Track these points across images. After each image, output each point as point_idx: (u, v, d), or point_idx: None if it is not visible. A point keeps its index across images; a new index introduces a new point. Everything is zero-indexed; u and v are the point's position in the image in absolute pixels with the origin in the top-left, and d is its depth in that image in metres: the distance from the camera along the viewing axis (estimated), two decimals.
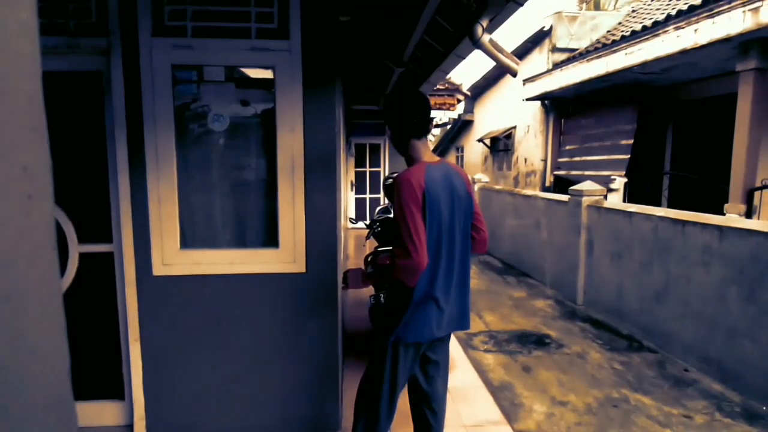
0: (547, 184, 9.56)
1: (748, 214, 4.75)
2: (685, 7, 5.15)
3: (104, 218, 2.32)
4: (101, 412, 2.43)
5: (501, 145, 12.47)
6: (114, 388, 2.42)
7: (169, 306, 2.31)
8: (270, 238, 2.36)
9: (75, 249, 2.31)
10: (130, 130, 2.20)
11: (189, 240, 2.35)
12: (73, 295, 2.31)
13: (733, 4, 4.47)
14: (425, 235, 1.69)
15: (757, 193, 4.82)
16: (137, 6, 2.14)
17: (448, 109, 12.20)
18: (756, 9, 4.24)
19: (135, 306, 2.30)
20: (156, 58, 2.18)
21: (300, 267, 2.34)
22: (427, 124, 1.84)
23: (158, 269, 2.29)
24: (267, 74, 2.29)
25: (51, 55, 2.16)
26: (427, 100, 1.89)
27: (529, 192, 7.41)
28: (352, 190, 10.86)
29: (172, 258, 2.29)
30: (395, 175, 4.95)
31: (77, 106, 2.32)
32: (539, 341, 4.38)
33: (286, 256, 2.33)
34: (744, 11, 4.37)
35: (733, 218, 3.96)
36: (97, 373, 2.43)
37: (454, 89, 12.09)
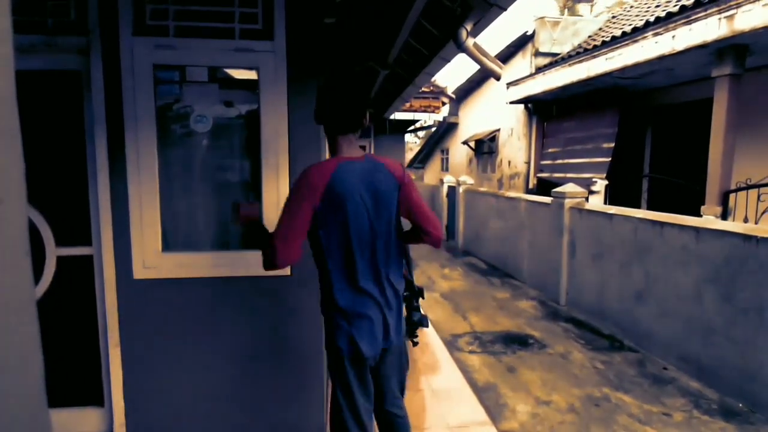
0: (531, 186, 9.69)
1: (724, 216, 4.89)
2: (663, 14, 5.28)
3: (83, 220, 2.26)
4: (80, 419, 2.37)
5: (485, 148, 12.59)
6: (93, 395, 2.37)
7: (151, 310, 2.27)
8: None
9: (52, 252, 2.26)
10: (110, 130, 2.16)
11: (171, 242, 2.31)
12: (51, 299, 2.25)
13: (709, 11, 4.60)
14: (300, 232, 1.59)
15: (732, 195, 4.96)
16: (118, 4, 2.10)
17: (433, 112, 12.27)
18: (731, 16, 4.38)
19: (115, 310, 2.25)
20: (137, 57, 2.14)
21: (284, 270, 2.32)
22: (348, 123, 1.67)
23: (139, 272, 2.24)
24: (251, 75, 2.27)
25: (28, 54, 2.10)
26: (359, 95, 1.69)
27: (512, 194, 7.49)
28: None
29: (153, 261, 2.25)
30: None
31: (56, 105, 2.26)
32: (523, 342, 4.42)
33: None
34: (720, 18, 4.50)
35: (709, 220, 4.07)
36: (75, 379, 2.37)
37: (439, 92, 12.17)
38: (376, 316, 1.67)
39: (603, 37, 7.04)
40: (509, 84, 9.43)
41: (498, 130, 11.57)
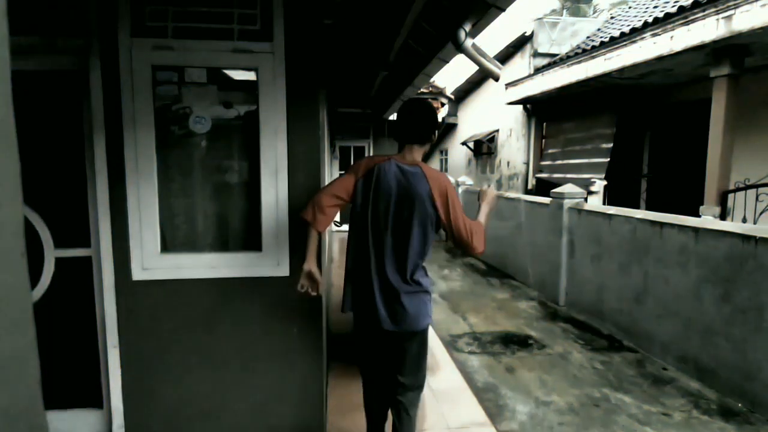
0: (530, 186, 9.70)
1: (723, 216, 4.89)
2: (661, 15, 5.29)
3: (82, 222, 2.26)
4: (79, 421, 2.37)
5: (484, 149, 12.60)
6: (92, 396, 2.36)
7: (149, 311, 2.27)
8: (253, 242, 2.34)
9: (51, 254, 2.25)
10: (108, 131, 2.16)
11: (170, 244, 2.31)
12: (50, 300, 2.25)
13: (707, 12, 4.61)
14: (334, 199, 1.97)
15: (730, 195, 4.97)
16: (117, 5, 2.10)
17: None
18: (729, 17, 4.38)
19: (114, 312, 2.24)
20: (136, 58, 2.14)
21: (283, 270, 2.32)
22: (408, 136, 2.04)
23: (138, 274, 2.24)
24: (250, 76, 2.27)
25: (27, 54, 2.10)
26: (418, 117, 2.04)
27: (511, 195, 7.49)
28: None
29: (152, 262, 2.24)
30: None
31: (54, 106, 2.26)
32: (522, 342, 4.42)
33: (269, 260, 2.31)
34: (717, 19, 4.51)
35: (708, 220, 4.07)
36: (74, 380, 2.36)
37: (438, 93, 12.17)
38: (367, 293, 1.98)
39: (601, 37, 7.05)
40: (508, 85, 9.44)
41: (497, 130, 11.58)
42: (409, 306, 1.94)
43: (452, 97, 13.64)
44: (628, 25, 6.18)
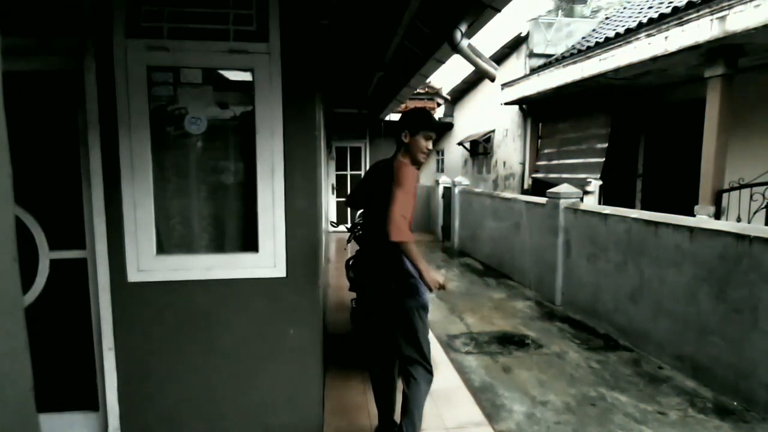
0: (526, 186, 9.72)
1: (717, 215, 4.92)
2: (655, 15, 5.32)
3: (77, 223, 2.25)
4: (75, 423, 2.35)
5: (480, 149, 12.61)
6: (88, 399, 2.35)
7: (145, 313, 2.26)
8: (249, 243, 2.33)
9: (45, 256, 2.24)
10: (103, 132, 2.15)
11: (165, 245, 2.30)
12: (45, 303, 2.23)
13: (701, 12, 4.64)
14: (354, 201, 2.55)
15: (725, 195, 5.00)
16: (111, 6, 2.09)
17: None
18: (723, 17, 4.41)
19: (109, 313, 2.23)
20: (131, 59, 2.13)
21: (280, 272, 2.31)
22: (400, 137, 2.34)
23: (133, 275, 2.23)
24: (246, 76, 2.27)
25: (21, 55, 2.09)
26: (397, 127, 2.32)
27: (508, 195, 7.51)
28: (333, 193, 10.81)
29: (147, 264, 2.23)
30: None
31: (48, 107, 2.25)
32: (519, 342, 4.43)
33: (265, 261, 2.30)
34: (712, 20, 4.53)
35: (703, 219, 4.09)
36: (70, 383, 2.35)
37: (434, 93, 12.19)
38: (365, 273, 2.33)
39: (596, 38, 7.07)
40: (504, 85, 9.45)
41: (493, 131, 11.60)
42: (394, 283, 2.19)
43: (448, 97, 13.66)
44: (623, 26, 6.21)
